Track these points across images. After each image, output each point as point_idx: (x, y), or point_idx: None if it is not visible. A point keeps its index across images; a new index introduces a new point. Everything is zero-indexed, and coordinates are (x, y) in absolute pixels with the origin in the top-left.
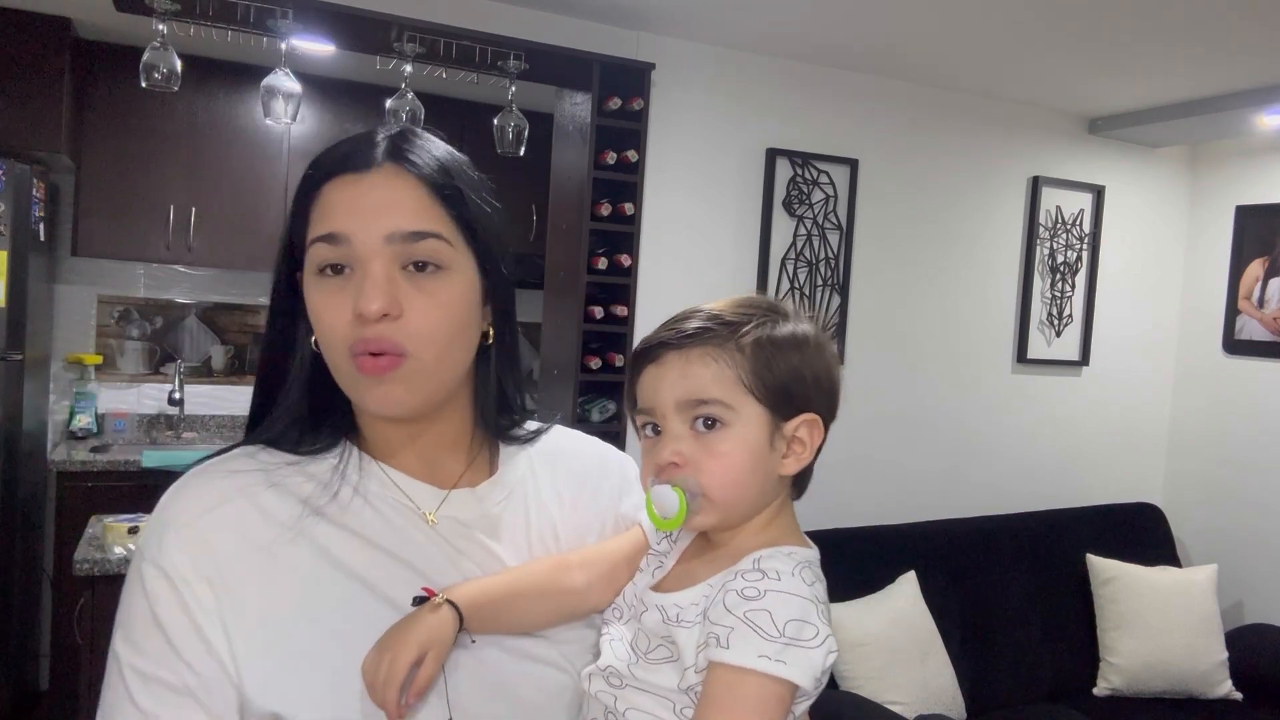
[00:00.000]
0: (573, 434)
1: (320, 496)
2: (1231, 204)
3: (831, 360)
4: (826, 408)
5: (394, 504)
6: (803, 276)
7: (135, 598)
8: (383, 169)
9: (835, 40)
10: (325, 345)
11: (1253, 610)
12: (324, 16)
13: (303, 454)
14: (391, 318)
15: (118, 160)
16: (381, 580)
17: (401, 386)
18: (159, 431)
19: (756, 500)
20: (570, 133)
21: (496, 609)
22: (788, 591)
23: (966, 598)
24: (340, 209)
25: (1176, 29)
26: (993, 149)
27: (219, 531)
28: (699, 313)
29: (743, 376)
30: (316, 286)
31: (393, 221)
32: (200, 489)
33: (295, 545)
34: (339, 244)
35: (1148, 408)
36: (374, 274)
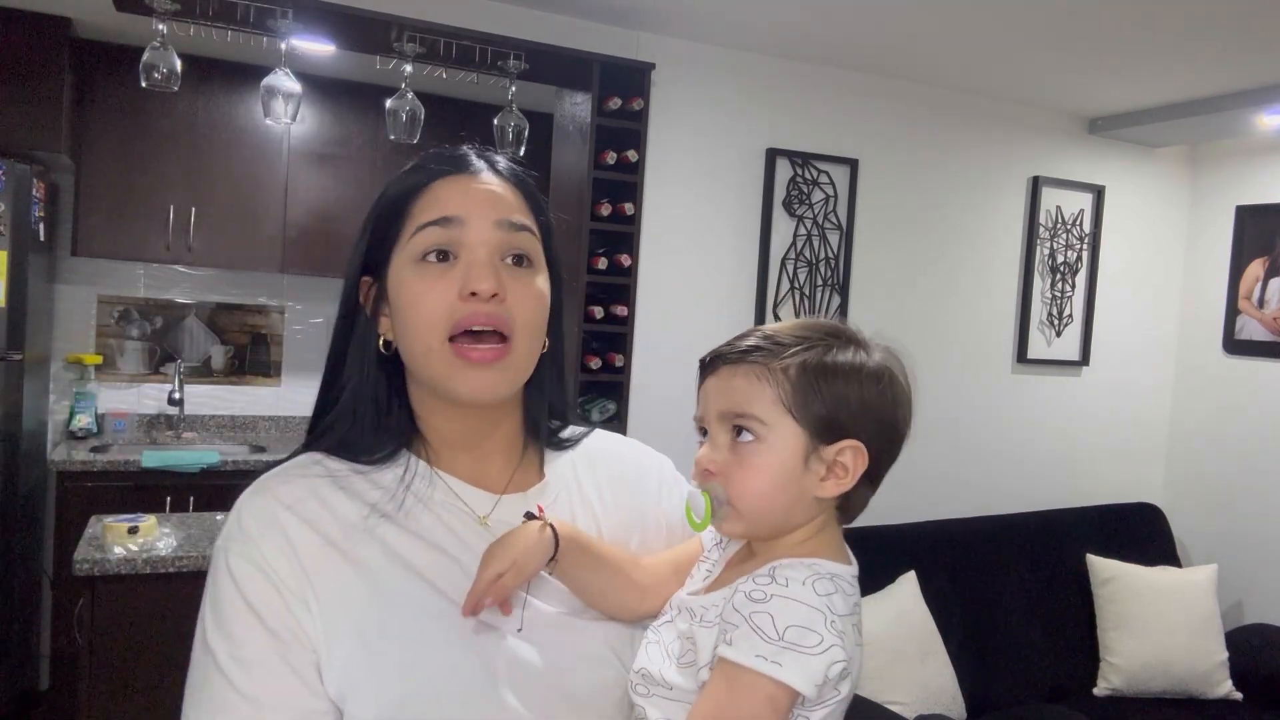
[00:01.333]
0: (613, 437)
1: (387, 503)
2: (1231, 204)
3: (892, 393)
4: (878, 438)
5: (451, 509)
6: (803, 276)
7: (225, 589)
8: (485, 172)
9: (835, 40)
10: (420, 330)
11: (1253, 610)
12: (324, 16)
13: (366, 463)
14: (499, 299)
15: (118, 160)
16: (441, 579)
17: (500, 373)
18: (159, 431)
19: (785, 516)
20: (570, 133)
21: (585, 557)
22: (793, 598)
23: (966, 598)
24: (454, 198)
25: (1176, 29)
26: (993, 149)
27: (296, 527)
28: (758, 331)
29: (782, 396)
30: (417, 273)
31: (501, 210)
32: (276, 490)
33: (365, 544)
34: (451, 226)
35: (1148, 408)
36: (483, 257)
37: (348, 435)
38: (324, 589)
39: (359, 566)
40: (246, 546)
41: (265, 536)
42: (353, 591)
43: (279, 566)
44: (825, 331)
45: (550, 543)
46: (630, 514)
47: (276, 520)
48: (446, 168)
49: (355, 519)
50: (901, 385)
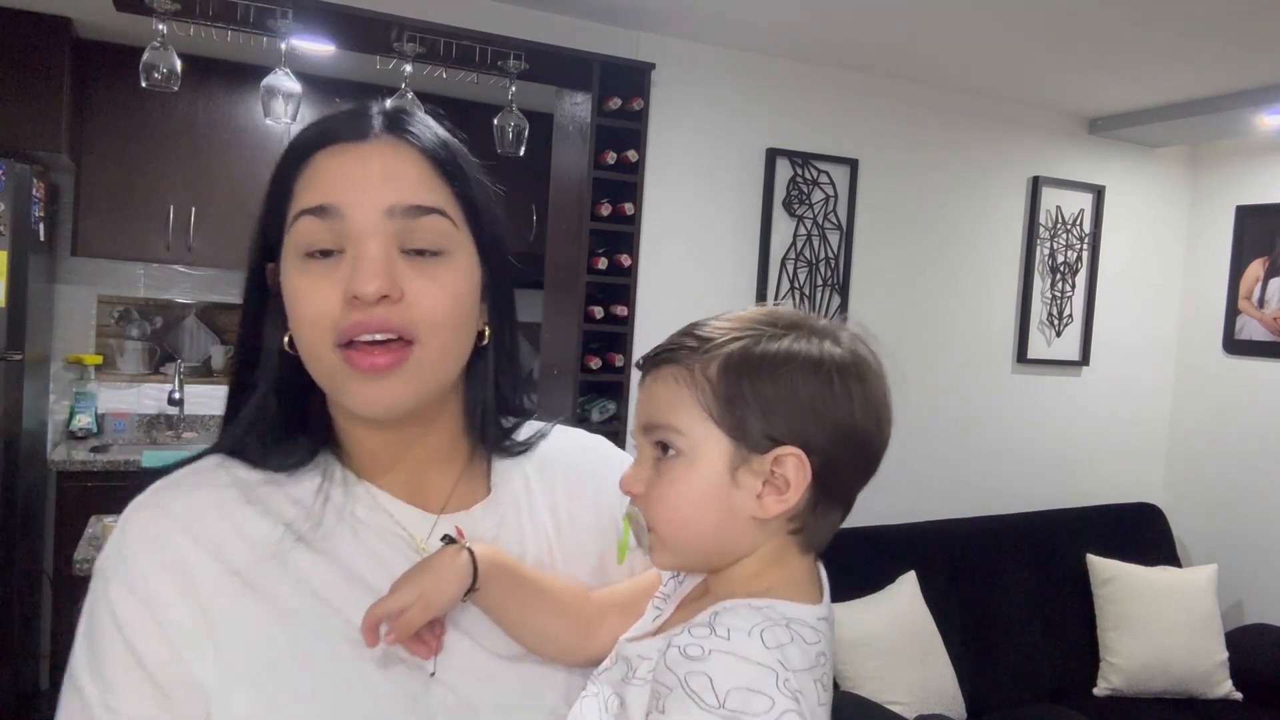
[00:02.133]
0: (573, 436)
1: (303, 521)
2: (1232, 204)
3: (850, 390)
4: (834, 444)
5: (380, 532)
6: (803, 276)
7: (102, 623)
8: (380, 139)
9: (835, 40)
10: (305, 337)
11: (1253, 610)
12: (324, 16)
13: (277, 470)
14: (391, 300)
15: (118, 160)
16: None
17: (401, 383)
18: (159, 431)
19: (716, 543)
20: (570, 133)
21: (514, 587)
22: (736, 654)
23: (966, 598)
24: (333, 179)
25: (1176, 29)
26: (993, 149)
27: (193, 551)
28: (694, 326)
29: (701, 399)
30: (299, 270)
31: (394, 193)
32: (171, 503)
33: (275, 573)
34: (330, 218)
35: (1148, 408)
36: (371, 252)
37: (258, 435)
38: (223, 628)
39: (266, 601)
40: (130, 573)
41: (154, 562)
42: (257, 632)
43: (168, 600)
44: (765, 320)
45: (467, 570)
46: (591, 530)
47: (169, 542)
48: (328, 136)
49: (265, 541)
50: (871, 382)
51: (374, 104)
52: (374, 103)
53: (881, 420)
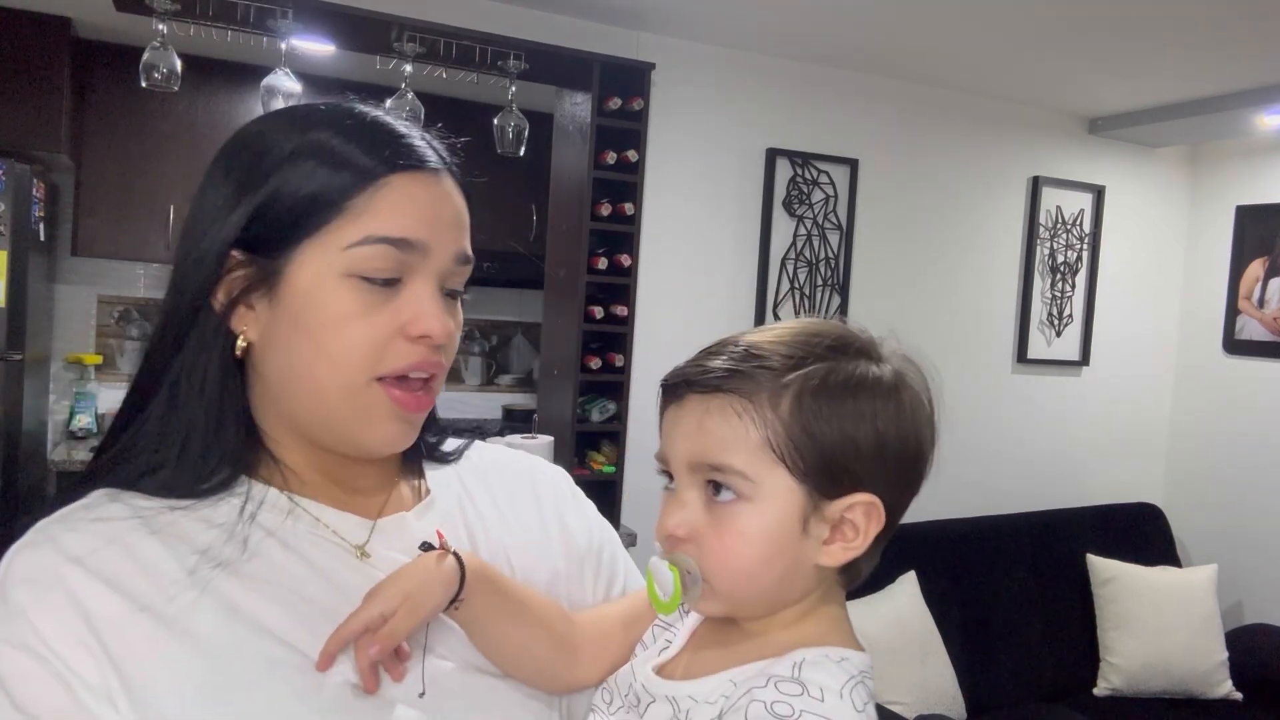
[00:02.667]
0: (495, 448)
1: (225, 546)
2: (1231, 204)
3: (915, 418)
4: (898, 480)
5: (315, 541)
6: (803, 276)
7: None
8: (445, 175)
9: (835, 40)
10: (339, 364)
11: (1253, 610)
12: (324, 16)
13: (186, 497)
14: (440, 344)
15: (118, 160)
16: (307, 637)
17: (417, 422)
18: None
19: (775, 594)
20: (570, 133)
21: (499, 599)
22: (830, 716)
23: (966, 598)
24: (419, 212)
25: (1177, 29)
26: (993, 149)
27: (91, 590)
28: (738, 344)
29: (773, 439)
30: (348, 293)
31: (463, 239)
32: (62, 537)
33: (193, 606)
34: (409, 252)
35: (1148, 408)
36: (435, 293)
37: (162, 460)
38: (137, 673)
39: (186, 636)
40: (15, 626)
41: (44, 607)
42: (178, 670)
43: (66, 651)
44: (826, 343)
45: (454, 575)
46: (537, 537)
47: (60, 582)
48: (402, 159)
49: (175, 572)
50: (922, 401)
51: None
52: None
53: (934, 438)
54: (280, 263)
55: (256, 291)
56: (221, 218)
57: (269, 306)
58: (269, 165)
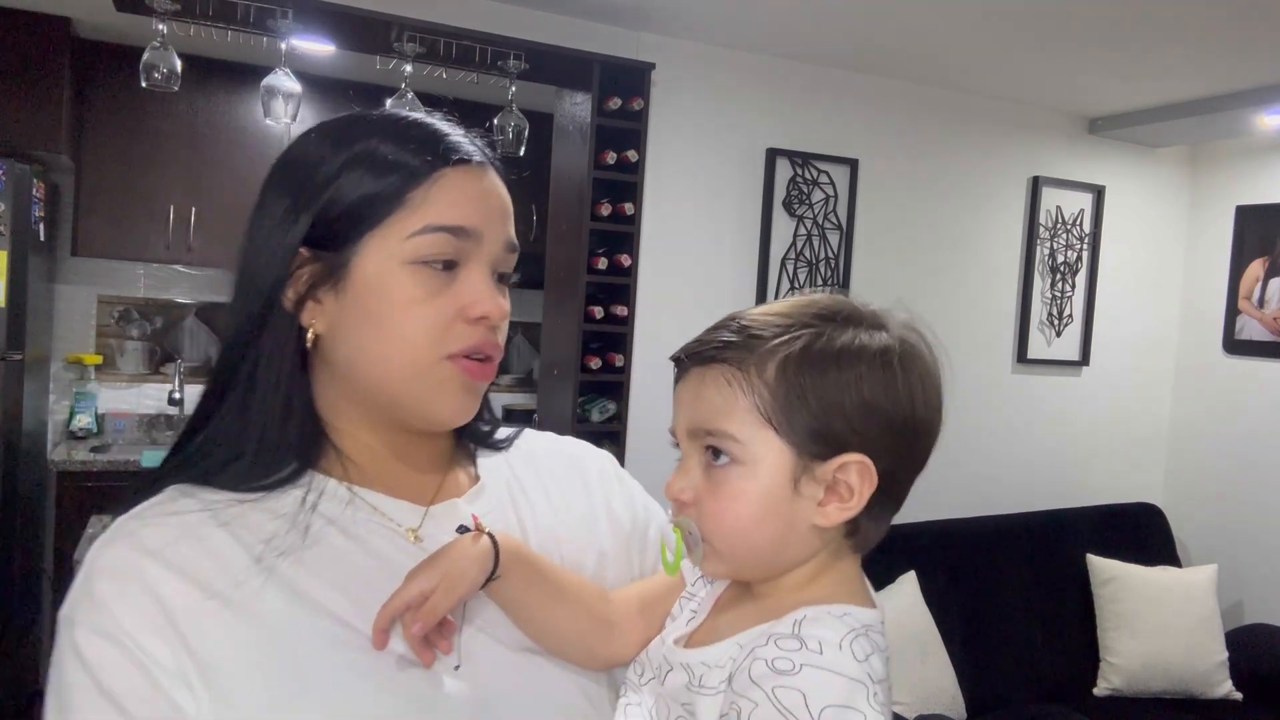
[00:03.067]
0: (544, 435)
1: (289, 535)
2: (1232, 204)
3: (908, 381)
4: (892, 444)
5: (372, 527)
6: (803, 276)
7: (71, 675)
8: (489, 169)
9: (835, 40)
10: (409, 343)
11: (1253, 610)
12: (324, 16)
13: (256, 489)
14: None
15: (118, 160)
16: (366, 617)
17: (480, 392)
18: (159, 431)
19: (774, 553)
20: (570, 133)
21: (535, 576)
22: (830, 669)
23: (966, 598)
24: (472, 202)
25: (1176, 29)
26: (993, 149)
27: (166, 580)
28: (735, 318)
29: (759, 404)
30: (413, 278)
31: (510, 229)
32: (139, 532)
33: (261, 592)
34: (465, 239)
35: (1148, 408)
36: (490, 278)
37: (239, 453)
38: (208, 657)
39: (254, 620)
40: (98, 616)
41: (123, 598)
42: (248, 653)
43: (144, 638)
44: (816, 312)
45: (488, 554)
46: (585, 520)
47: (139, 574)
48: (452, 153)
49: (244, 561)
50: (924, 366)
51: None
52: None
53: (936, 406)
54: (346, 255)
55: (324, 286)
56: (288, 221)
57: (336, 298)
58: (330, 168)
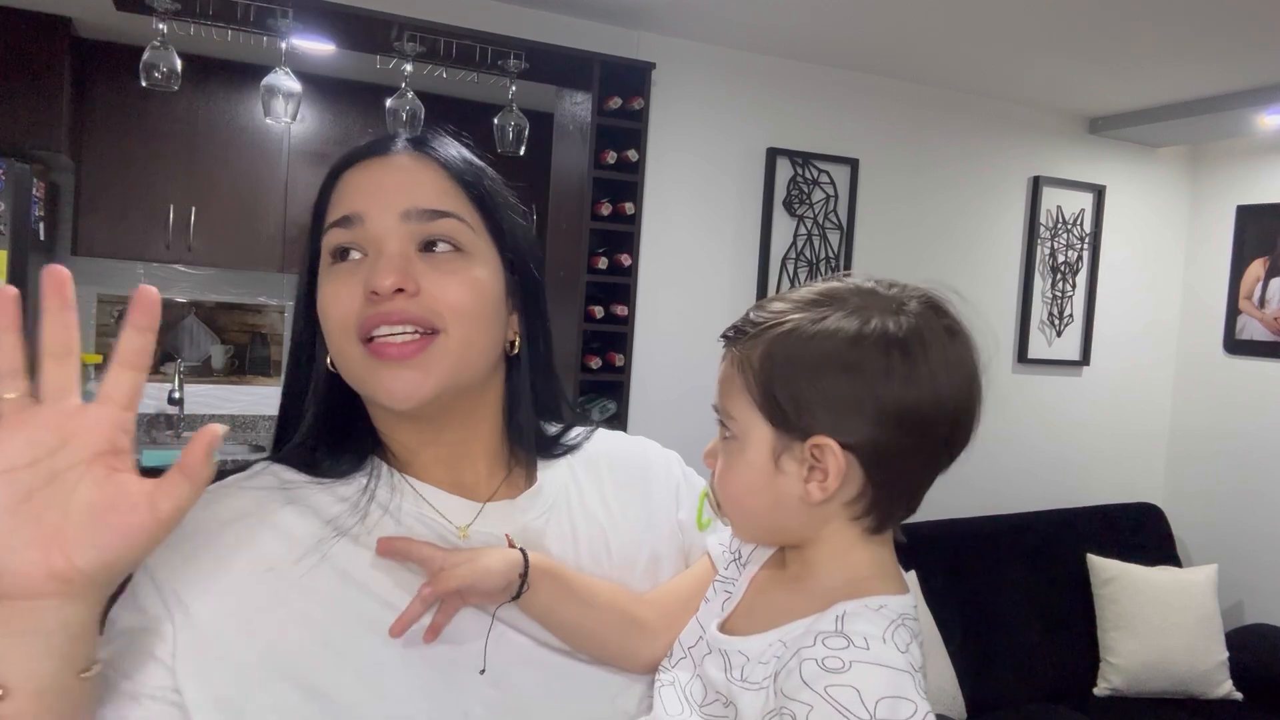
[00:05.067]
0: (614, 435)
1: (348, 517)
2: (1232, 204)
3: (907, 372)
4: (875, 433)
5: (423, 520)
6: (803, 276)
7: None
8: (401, 154)
9: (835, 40)
10: (333, 336)
11: (1253, 610)
12: (324, 16)
13: (326, 475)
14: (408, 294)
15: (118, 160)
16: (408, 601)
17: (420, 371)
18: (159, 431)
19: (771, 522)
20: (570, 132)
21: (562, 594)
22: (879, 663)
23: (966, 598)
24: (357, 191)
25: (1176, 29)
26: (993, 149)
27: (232, 549)
28: (756, 305)
29: (748, 386)
30: (325, 275)
31: (409, 199)
32: (217, 503)
33: (315, 568)
34: (353, 225)
35: (1148, 407)
36: (388, 251)
37: (306, 444)
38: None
39: (302, 594)
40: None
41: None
42: (291, 623)
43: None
44: (821, 296)
45: (517, 561)
46: (640, 524)
47: (207, 542)
48: (357, 156)
49: (304, 537)
50: (929, 357)
51: (403, 130)
52: (403, 130)
53: (957, 400)
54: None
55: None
56: (305, 253)
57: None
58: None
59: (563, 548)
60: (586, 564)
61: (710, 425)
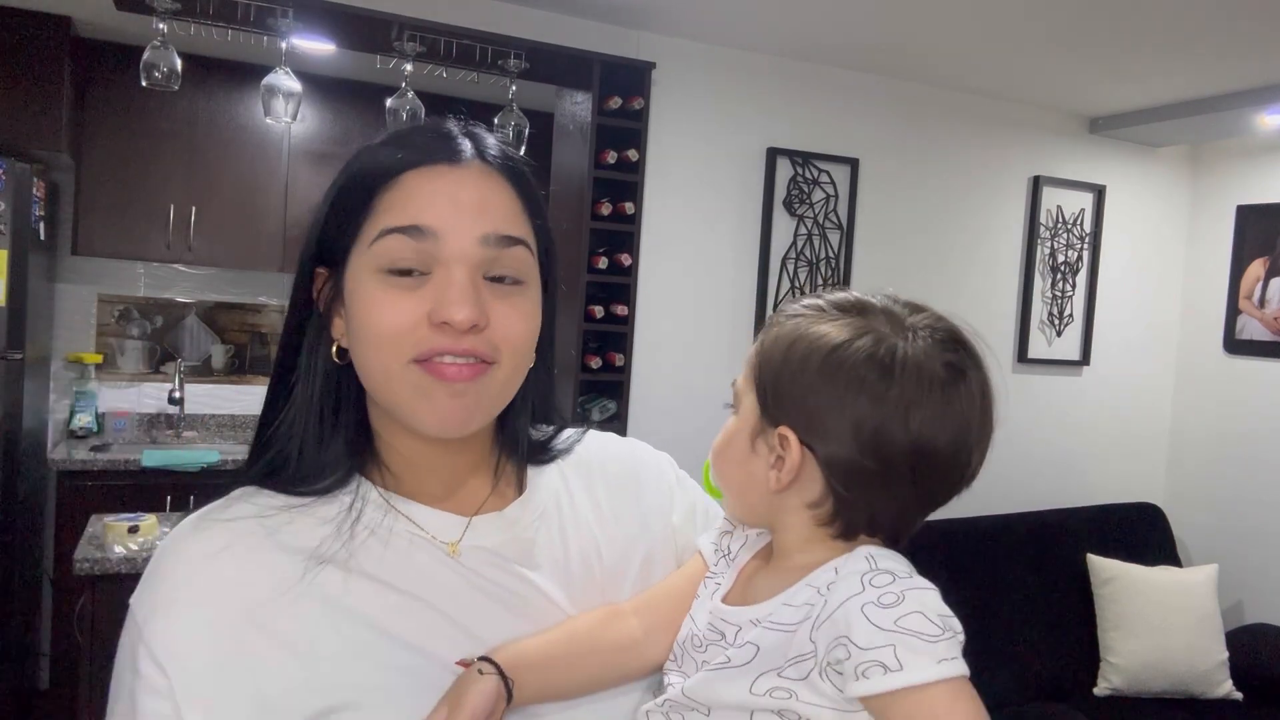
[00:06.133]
0: (605, 437)
1: (331, 542)
2: (1232, 204)
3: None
4: (841, 437)
5: (411, 538)
6: (803, 276)
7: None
8: (473, 165)
9: (835, 40)
10: (376, 350)
11: (1253, 610)
12: (324, 15)
13: (307, 494)
14: (478, 330)
15: (118, 159)
16: (404, 627)
17: (474, 399)
18: (159, 431)
19: (746, 500)
20: (571, 132)
21: (546, 671)
22: (922, 587)
23: (966, 598)
24: (428, 201)
25: (1177, 29)
26: (993, 149)
27: (213, 590)
28: (805, 295)
29: (751, 362)
30: (377, 285)
31: (488, 222)
32: (195, 542)
33: (301, 600)
34: (423, 239)
35: (1148, 407)
36: (461, 278)
37: (287, 457)
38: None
39: (291, 628)
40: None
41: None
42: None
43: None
44: (846, 302)
45: (494, 685)
46: (632, 527)
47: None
48: (420, 156)
49: (288, 570)
50: (903, 385)
51: (454, 124)
52: (454, 122)
53: (913, 429)
54: (343, 270)
55: (337, 300)
56: (308, 239)
57: (344, 311)
58: (330, 189)
59: (552, 557)
60: (577, 570)
61: (710, 425)
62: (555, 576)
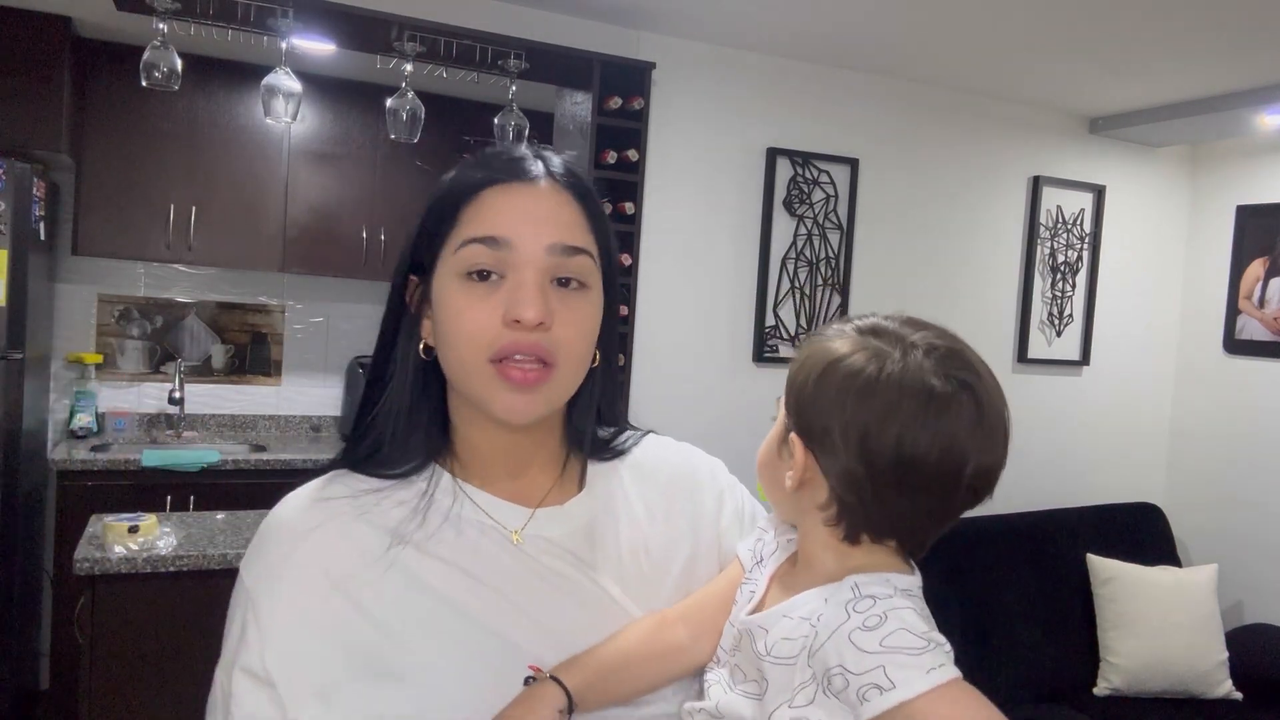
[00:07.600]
0: (662, 442)
1: (408, 523)
2: (1232, 204)
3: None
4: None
5: (479, 526)
6: (803, 276)
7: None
8: (545, 182)
9: (835, 40)
10: (461, 348)
11: (1253, 610)
12: (324, 15)
13: (390, 477)
14: (545, 327)
15: (118, 159)
16: (472, 605)
17: (539, 397)
18: (159, 430)
19: (775, 497)
20: (571, 132)
21: (606, 681)
22: (905, 606)
23: (966, 598)
24: (505, 214)
25: (1177, 29)
26: (993, 149)
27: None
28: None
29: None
30: (460, 289)
31: (556, 233)
32: (297, 519)
33: (386, 574)
34: (499, 248)
35: (1148, 407)
36: (531, 282)
37: (379, 443)
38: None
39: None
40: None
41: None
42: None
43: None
44: (851, 328)
45: (556, 695)
46: (681, 529)
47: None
48: (499, 174)
49: (374, 547)
50: (900, 404)
51: (528, 148)
52: (528, 146)
53: (897, 438)
54: (431, 277)
55: (426, 304)
56: (404, 251)
57: (432, 314)
58: (426, 204)
59: (606, 549)
60: (628, 563)
61: (710, 425)
62: (609, 569)
